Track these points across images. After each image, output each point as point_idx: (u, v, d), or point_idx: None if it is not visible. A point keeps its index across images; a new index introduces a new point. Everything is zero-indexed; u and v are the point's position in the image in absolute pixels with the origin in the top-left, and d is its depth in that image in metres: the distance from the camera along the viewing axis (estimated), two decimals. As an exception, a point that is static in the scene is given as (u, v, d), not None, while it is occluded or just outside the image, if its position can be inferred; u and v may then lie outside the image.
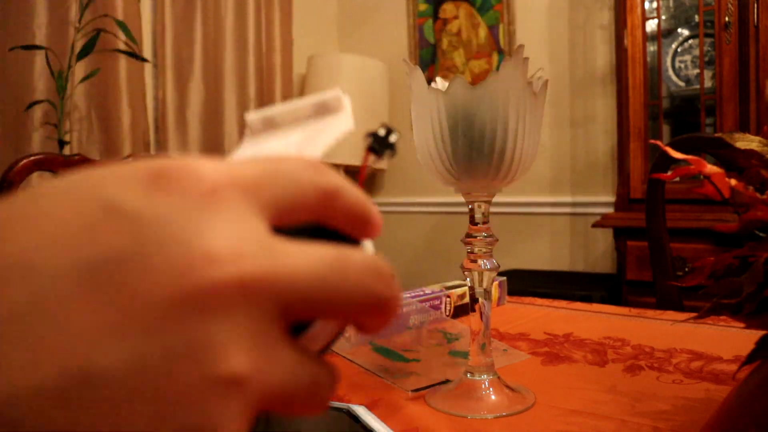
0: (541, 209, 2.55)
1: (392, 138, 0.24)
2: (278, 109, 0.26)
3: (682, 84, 2.12)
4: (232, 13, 2.59)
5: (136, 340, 0.14)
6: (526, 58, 0.49)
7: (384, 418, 0.39)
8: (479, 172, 0.51)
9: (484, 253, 0.54)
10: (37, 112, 1.96)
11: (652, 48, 2.10)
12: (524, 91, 0.50)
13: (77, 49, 1.87)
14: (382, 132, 0.24)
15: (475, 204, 0.54)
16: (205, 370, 0.14)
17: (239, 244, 0.15)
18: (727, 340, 0.70)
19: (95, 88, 2.10)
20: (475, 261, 0.54)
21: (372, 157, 0.24)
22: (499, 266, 0.55)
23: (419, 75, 0.53)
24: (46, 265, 0.14)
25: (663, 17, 2.07)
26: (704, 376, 0.58)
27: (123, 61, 2.13)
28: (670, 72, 2.12)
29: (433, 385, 0.57)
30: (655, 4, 2.01)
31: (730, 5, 1.84)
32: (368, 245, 0.20)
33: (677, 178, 1.76)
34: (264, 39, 2.71)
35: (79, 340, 0.13)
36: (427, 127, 0.52)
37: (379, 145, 0.24)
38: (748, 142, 0.40)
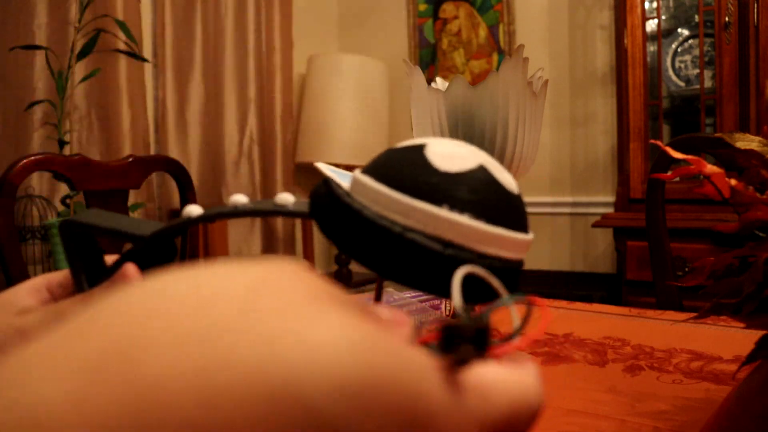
0: (541, 209, 2.55)
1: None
2: None
3: (682, 84, 2.12)
4: (232, 13, 2.59)
5: None
6: (526, 58, 0.49)
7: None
8: (479, 172, 0.51)
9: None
10: (37, 112, 1.96)
11: (652, 48, 2.10)
12: (524, 91, 0.50)
13: (77, 49, 1.87)
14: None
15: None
16: None
17: None
18: (727, 340, 0.70)
19: (95, 88, 2.10)
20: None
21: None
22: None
23: (419, 75, 0.53)
24: None
25: (663, 17, 2.07)
26: (704, 376, 0.58)
27: (123, 61, 2.13)
28: (670, 72, 2.12)
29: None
30: (655, 4, 2.01)
31: (730, 5, 1.84)
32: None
33: (677, 178, 1.76)
34: (264, 39, 2.71)
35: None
36: (427, 127, 0.52)
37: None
38: (748, 142, 0.40)
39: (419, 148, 0.23)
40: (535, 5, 2.55)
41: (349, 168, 2.88)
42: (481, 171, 0.23)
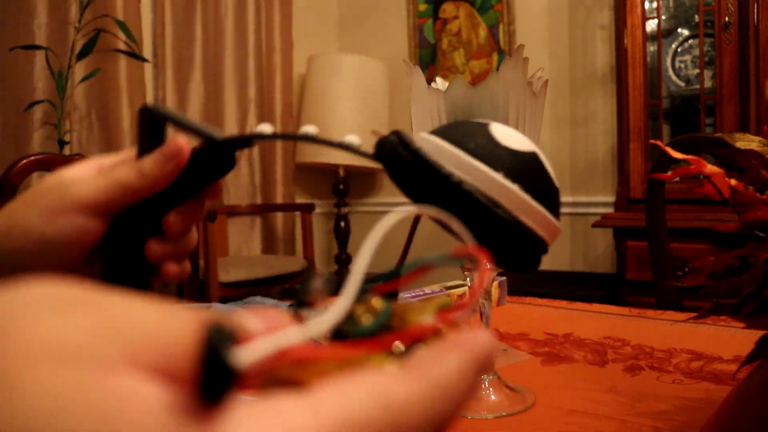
0: (541, 209, 2.55)
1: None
2: None
3: (682, 84, 2.12)
4: (232, 13, 2.59)
5: None
6: (526, 58, 0.49)
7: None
8: (479, 172, 0.51)
9: (484, 253, 0.54)
10: (37, 112, 1.96)
11: (652, 48, 2.10)
12: (524, 91, 0.50)
13: (77, 49, 1.87)
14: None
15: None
16: None
17: None
18: (727, 340, 0.70)
19: (95, 88, 2.10)
20: (475, 261, 0.54)
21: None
22: (499, 266, 0.55)
23: (419, 75, 0.53)
24: None
25: (663, 17, 2.07)
26: (704, 376, 0.58)
27: (123, 61, 2.13)
28: (670, 72, 2.12)
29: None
30: (655, 4, 2.01)
31: (730, 5, 1.84)
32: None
33: (677, 178, 1.76)
34: (264, 39, 2.71)
35: None
36: (427, 127, 0.52)
37: None
38: (748, 142, 0.40)
39: (484, 125, 0.26)
40: (535, 5, 2.55)
41: (350, 168, 2.88)
42: (534, 156, 0.26)
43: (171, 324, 0.14)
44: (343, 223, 2.80)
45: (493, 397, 0.54)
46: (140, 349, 0.13)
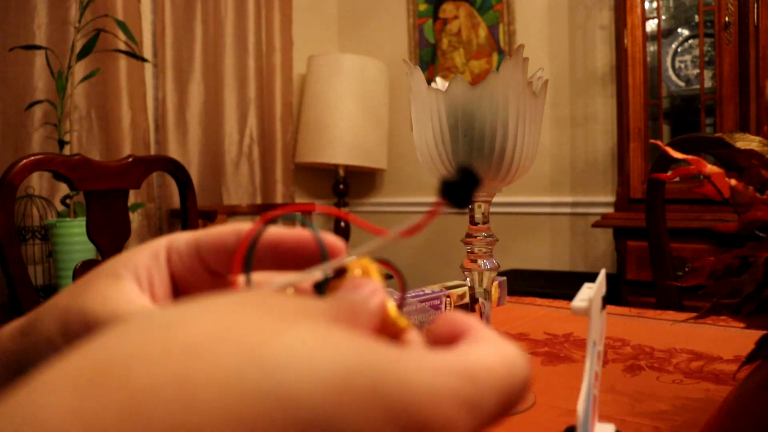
0: (541, 209, 2.55)
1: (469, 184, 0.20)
2: None
3: (682, 84, 2.12)
4: (232, 13, 2.59)
5: None
6: (526, 58, 0.49)
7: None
8: (479, 172, 0.51)
9: (484, 253, 0.54)
10: (37, 112, 1.96)
11: (652, 48, 2.10)
12: (524, 91, 0.50)
13: (77, 49, 1.87)
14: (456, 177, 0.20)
15: (475, 204, 0.54)
16: None
17: None
18: (727, 340, 0.70)
19: (95, 88, 2.10)
20: (475, 261, 0.54)
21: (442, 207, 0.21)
22: (499, 266, 0.55)
23: (419, 75, 0.53)
24: None
25: (663, 17, 2.07)
26: (704, 376, 0.58)
27: (123, 61, 2.13)
28: (670, 72, 2.12)
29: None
30: (655, 4, 2.01)
31: (730, 5, 1.84)
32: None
33: (677, 178, 1.76)
34: (264, 39, 2.71)
35: None
36: (427, 127, 0.52)
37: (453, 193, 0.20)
38: (748, 142, 0.40)
39: None
40: (535, 5, 2.55)
41: (350, 168, 2.86)
42: None
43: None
44: (342, 223, 2.80)
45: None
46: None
